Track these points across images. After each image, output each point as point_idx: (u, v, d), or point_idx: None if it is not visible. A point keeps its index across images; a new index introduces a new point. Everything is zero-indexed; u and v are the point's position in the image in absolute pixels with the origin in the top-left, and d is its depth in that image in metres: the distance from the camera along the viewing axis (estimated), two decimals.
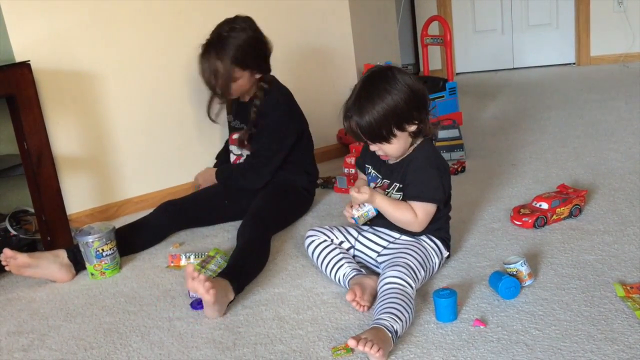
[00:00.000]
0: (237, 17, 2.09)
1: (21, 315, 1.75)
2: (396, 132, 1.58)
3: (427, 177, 1.62)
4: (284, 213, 2.17)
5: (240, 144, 2.20)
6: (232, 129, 2.32)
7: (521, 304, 1.49)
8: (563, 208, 1.94)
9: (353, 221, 1.66)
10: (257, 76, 2.13)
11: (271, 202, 2.11)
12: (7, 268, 1.90)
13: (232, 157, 2.30)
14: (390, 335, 1.35)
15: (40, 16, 2.24)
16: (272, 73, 2.20)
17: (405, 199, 1.64)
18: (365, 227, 1.77)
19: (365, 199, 1.62)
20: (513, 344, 1.34)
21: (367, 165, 1.79)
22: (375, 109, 1.55)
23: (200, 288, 1.51)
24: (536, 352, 1.30)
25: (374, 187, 1.72)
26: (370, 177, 1.77)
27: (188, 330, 1.55)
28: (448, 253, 1.72)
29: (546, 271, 1.63)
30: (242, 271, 1.72)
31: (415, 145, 1.67)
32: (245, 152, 2.23)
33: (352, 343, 1.30)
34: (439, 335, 1.41)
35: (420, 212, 1.61)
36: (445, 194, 1.65)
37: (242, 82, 2.11)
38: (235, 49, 2.04)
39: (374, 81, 1.58)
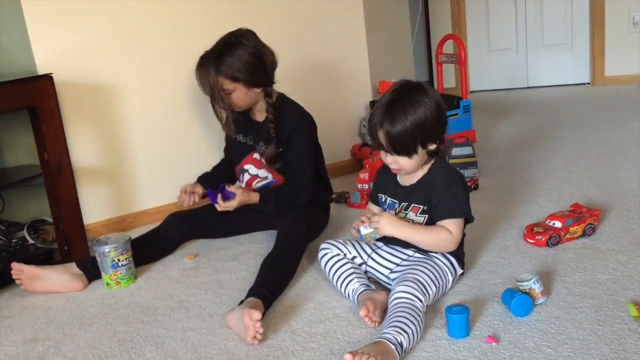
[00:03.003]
0: (236, 32, 2.07)
1: (37, 323, 1.77)
2: (419, 149, 1.60)
3: (455, 193, 1.63)
4: (315, 225, 2.17)
5: (270, 162, 2.13)
6: (246, 148, 2.24)
7: (534, 322, 1.49)
8: (576, 227, 1.94)
9: (358, 235, 1.68)
10: (256, 90, 2.07)
11: (304, 216, 2.07)
12: (21, 287, 1.93)
13: (246, 177, 2.23)
14: (393, 347, 1.35)
15: (62, 30, 2.30)
16: (288, 88, 2.21)
17: (436, 219, 1.65)
18: (380, 244, 1.77)
19: (390, 233, 1.63)
20: None
21: (379, 195, 1.80)
22: (408, 118, 1.56)
23: (250, 337, 1.50)
24: None
25: (395, 214, 1.71)
26: (387, 206, 1.77)
27: (202, 341, 1.57)
28: (462, 271, 1.72)
29: (559, 289, 1.63)
30: (275, 290, 1.73)
31: (429, 164, 1.69)
32: (263, 173, 2.20)
33: (348, 357, 1.30)
34: (450, 351, 1.41)
35: (454, 229, 1.62)
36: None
37: (239, 95, 2.05)
38: (226, 61, 2.01)
39: (408, 92, 1.60)
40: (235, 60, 2.01)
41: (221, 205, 2.04)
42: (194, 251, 2.19)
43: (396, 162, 1.64)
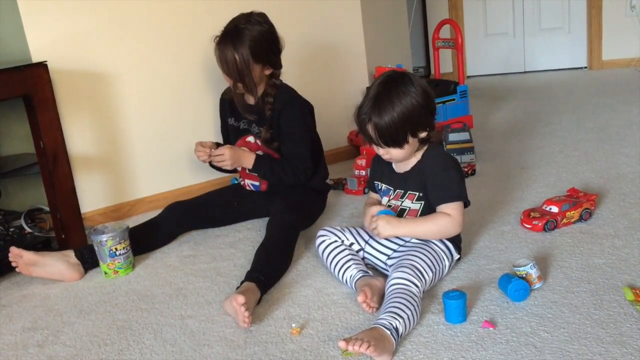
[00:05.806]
0: (252, 12, 2.08)
1: (36, 312, 1.77)
2: (410, 138, 1.60)
3: (449, 178, 1.64)
4: (308, 212, 2.17)
5: (267, 144, 2.14)
6: (239, 132, 2.24)
7: (530, 307, 1.50)
8: (573, 212, 1.94)
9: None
10: (267, 72, 2.10)
11: (295, 201, 2.08)
12: (17, 269, 1.93)
13: None
14: (388, 332, 1.36)
15: (57, 17, 2.28)
16: (284, 74, 2.20)
17: (433, 205, 1.65)
18: None
19: (392, 234, 1.65)
20: (522, 346, 1.35)
21: (376, 182, 1.81)
22: (395, 110, 1.56)
23: (240, 321, 1.52)
24: (545, 355, 1.30)
25: (388, 201, 1.73)
26: (382, 193, 1.78)
27: (200, 328, 1.58)
28: (459, 256, 1.73)
29: (556, 274, 1.64)
30: (271, 274, 1.74)
31: (422, 150, 1.69)
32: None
33: (342, 345, 1.31)
34: (448, 336, 1.42)
35: (453, 212, 1.62)
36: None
37: (255, 74, 2.06)
38: (250, 40, 2.01)
39: (393, 84, 1.60)
40: (258, 38, 2.03)
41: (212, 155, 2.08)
42: (191, 240, 2.19)
43: (388, 153, 1.65)
